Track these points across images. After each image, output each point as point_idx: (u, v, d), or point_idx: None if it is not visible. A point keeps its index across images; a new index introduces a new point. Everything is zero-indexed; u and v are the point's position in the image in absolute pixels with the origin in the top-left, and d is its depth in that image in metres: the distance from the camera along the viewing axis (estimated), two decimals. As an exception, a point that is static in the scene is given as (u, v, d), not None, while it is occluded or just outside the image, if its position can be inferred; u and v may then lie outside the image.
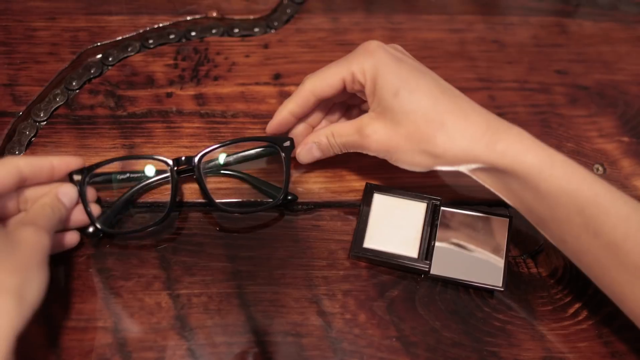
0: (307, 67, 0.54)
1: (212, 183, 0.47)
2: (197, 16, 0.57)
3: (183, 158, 0.43)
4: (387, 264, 0.45)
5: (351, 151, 0.45)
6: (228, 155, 0.47)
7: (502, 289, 0.44)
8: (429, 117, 0.39)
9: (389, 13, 0.59)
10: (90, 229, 0.44)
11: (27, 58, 0.54)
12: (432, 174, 0.49)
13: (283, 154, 0.45)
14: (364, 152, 0.44)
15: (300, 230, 0.47)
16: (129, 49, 0.55)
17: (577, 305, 0.45)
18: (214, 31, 0.56)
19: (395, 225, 0.46)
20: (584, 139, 0.52)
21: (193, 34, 0.56)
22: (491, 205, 0.48)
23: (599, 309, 0.45)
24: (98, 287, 0.43)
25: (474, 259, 0.45)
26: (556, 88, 0.55)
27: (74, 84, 0.52)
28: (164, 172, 0.46)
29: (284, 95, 0.53)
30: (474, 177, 0.41)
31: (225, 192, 0.48)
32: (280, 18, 0.58)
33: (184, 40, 0.56)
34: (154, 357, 0.41)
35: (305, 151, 0.46)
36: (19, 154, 0.48)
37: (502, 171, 0.39)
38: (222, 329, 0.42)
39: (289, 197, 0.46)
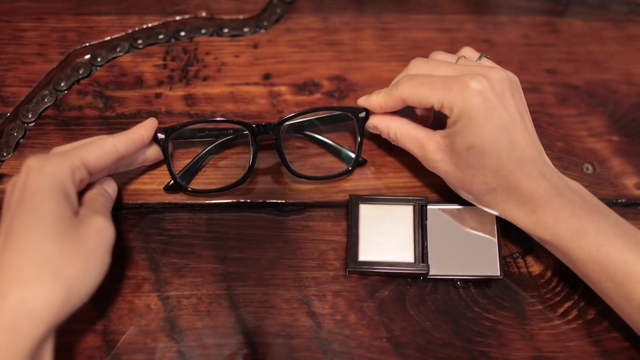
0: (297, 67, 0.54)
1: (285, 148, 0.50)
2: (187, 16, 0.57)
3: (263, 124, 0.45)
4: (385, 274, 0.45)
5: None
6: (304, 121, 0.49)
7: (500, 277, 0.44)
8: (485, 180, 0.41)
9: (379, 12, 0.59)
10: (171, 183, 0.47)
11: (15, 59, 0.53)
12: (416, 175, 0.49)
13: (357, 123, 0.47)
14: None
15: (290, 231, 0.47)
16: (118, 50, 0.54)
17: (567, 305, 0.45)
18: (203, 31, 0.56)
19: (386, 233, 0.46)
20: (574, 138, 0.53)
21: (182, 34, 0.56)
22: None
23: (589, 309, 0.45)
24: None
25: (468, 253, 0.45)
26: (546, 87, 0.55)
27: (62, 84, 0.52)
28: (240, 131, 0.48)
29: (274, 96, 0.52)
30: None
31: (296, 157, 0.50)
32: (270, 18, 0.58)
33: (173, 40, 0.56)
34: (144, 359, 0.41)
35: (372, 128, 0.48)
36: (7, 155, 0.48)
37: (536, 237, 0.42)
38: (212, 330, 0.42)
39: (360, 160, 0.49)
